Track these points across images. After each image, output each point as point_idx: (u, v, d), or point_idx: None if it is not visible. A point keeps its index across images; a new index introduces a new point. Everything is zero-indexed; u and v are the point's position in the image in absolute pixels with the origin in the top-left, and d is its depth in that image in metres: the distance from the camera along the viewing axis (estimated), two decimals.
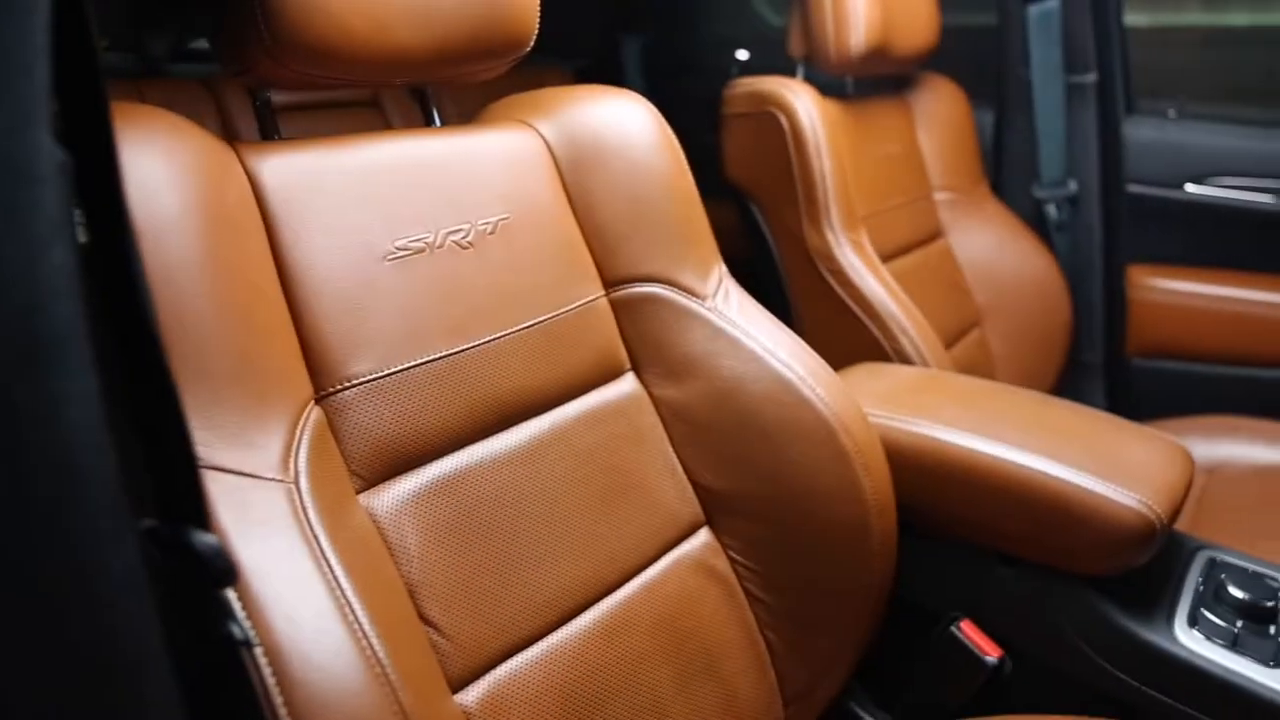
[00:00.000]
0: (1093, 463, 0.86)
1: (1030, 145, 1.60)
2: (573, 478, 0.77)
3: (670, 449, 0.86)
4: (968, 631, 0.93)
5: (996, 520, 0.91)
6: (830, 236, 1.20)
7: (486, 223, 0.75)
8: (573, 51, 2.06)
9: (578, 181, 0.83)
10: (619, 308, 0.84)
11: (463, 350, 0.70)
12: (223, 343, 0.55)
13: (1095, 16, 1.53)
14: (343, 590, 0.50)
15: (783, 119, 1.19)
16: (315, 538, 0.51)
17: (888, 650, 0.94)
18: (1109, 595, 0.88)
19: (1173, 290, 1.64)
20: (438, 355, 0.69)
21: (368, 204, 0.68)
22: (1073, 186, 1.61)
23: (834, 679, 0.90)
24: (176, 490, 0.35)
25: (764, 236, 1.31)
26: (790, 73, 1.29)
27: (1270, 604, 0.88)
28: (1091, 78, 1.56)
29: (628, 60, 2.09)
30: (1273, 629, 0.87)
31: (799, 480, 0.84)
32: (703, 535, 0.86)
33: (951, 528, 0.95)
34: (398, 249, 0.69)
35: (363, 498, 0.63)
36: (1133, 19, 1.62)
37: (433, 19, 0.68)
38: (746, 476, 0.85)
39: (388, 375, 0.65)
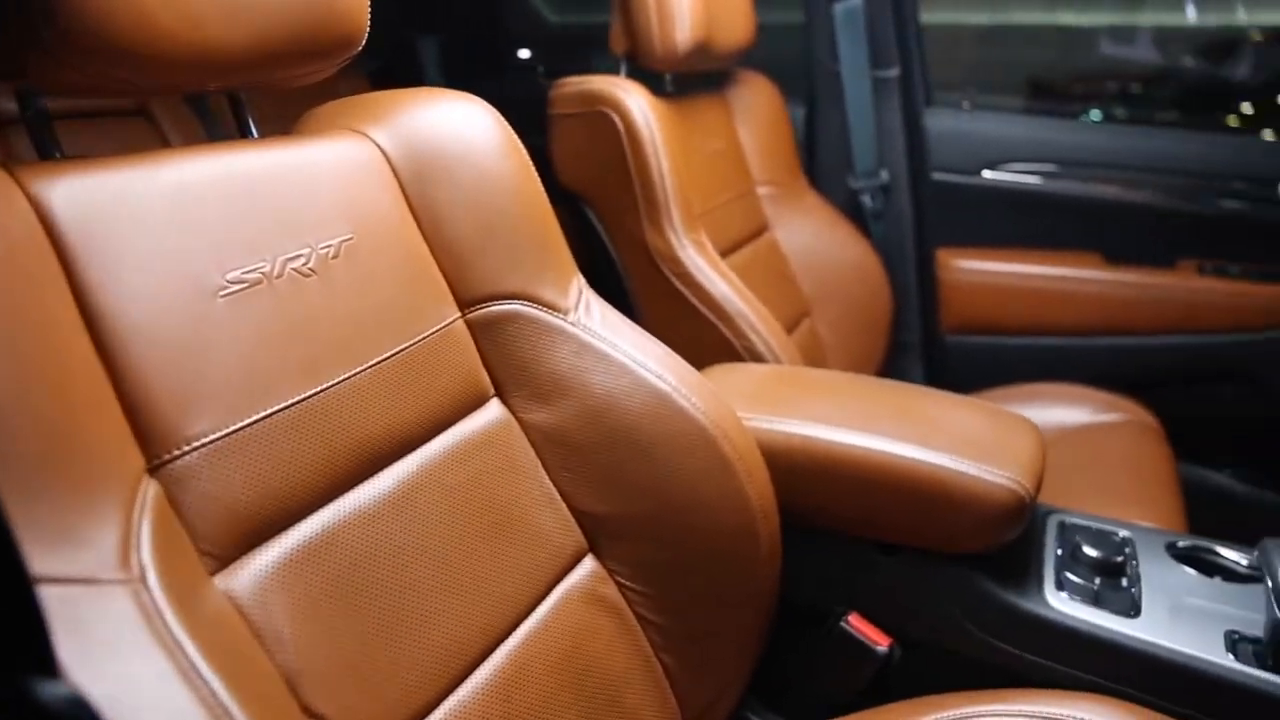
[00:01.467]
0: (960, 446, 0.90)
1: (843, 138, 1.68)
2: (450, 520, 0.71)
3: (545, 476, 0.82)
4: (856, 624, 0.95)
5: (875, 511, 0.93)
6: (673, 238, 1.20)
7: (328, 245, 0.68)
8: (364, 53, 1.96)
9: (422, 194, 0.77)
10: (477, 329, 0.79)
11: (317, 393, 0.63)
12: (24, 419, 0.45)
13: (896, 14, 1.63)
14: (222, 706, 0.42)
15: (616, 119, 1.18)
16: (178, 645, 0.43)
17: (778, 653, 0.95)
18: (985, 572, 0.93)
19: (977, 270, 1.78)
20: (289, 402, 0.61)
21: (189, 232, 0.59)
22: (884, 176, 1.71)
23: (732, 693, 0.89)
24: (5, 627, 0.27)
25: (601, 240, 1.29)
26: (579, 70, 1.27)
27: (1119, 559, 0.96)
28: (895, 72, 1.66)
29: (426, 61, 2.01)
30: (1124, 581, 0.95)
31: (682, 494, 0.82)
32: (588, 564, 0.83)
33: (830, 523, 0.97)
34: (230, 283, 0.60)
35: (219, 580, 0.55)
36: (926, 16, 1.74)
37: (253, 14, 0.60)
38: (628, 497, 0.82)
39: (232, 432, 0.57)
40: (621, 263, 1.28)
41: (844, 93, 1.65)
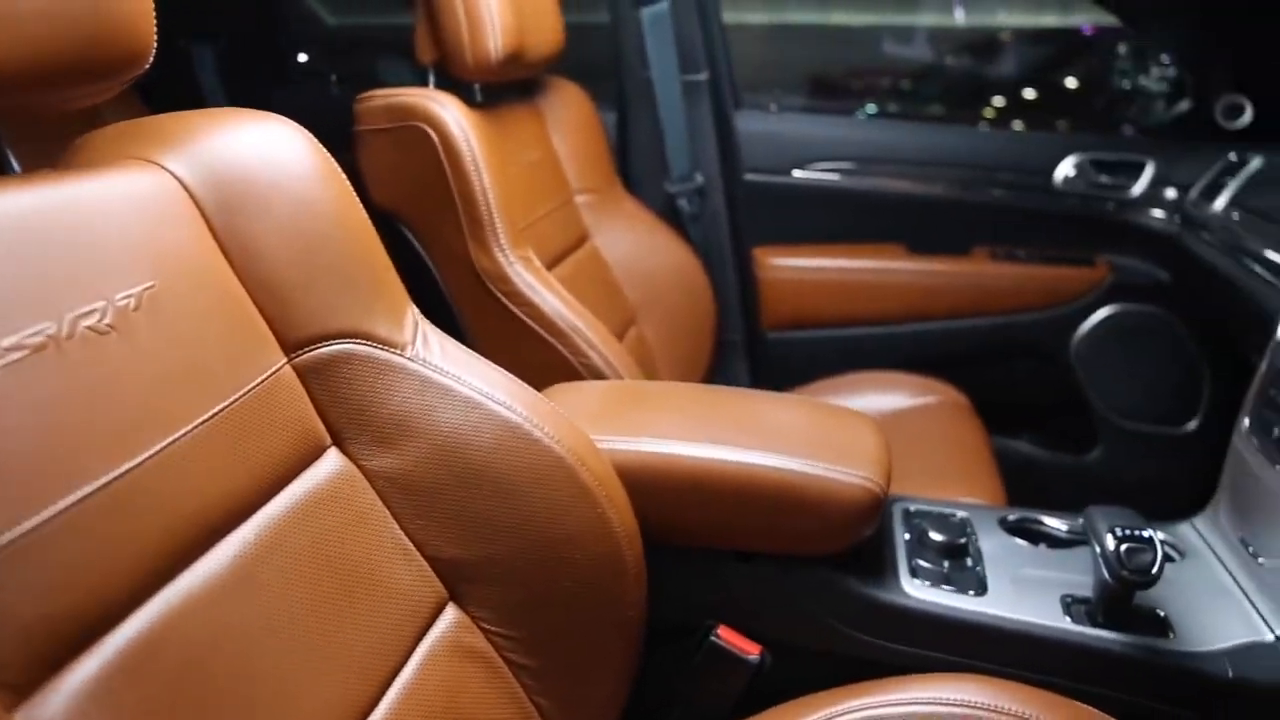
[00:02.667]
0: (811, 448, 0.93)
1: (656, 143, 1.70)
2: (298, 589, 0.65)
3: (396, 527, 0.77)
4: (725, 636, 0.96)
5: (734, 522, 0.94)
6: (500, 256, 1.16)
7: (127, 296, 0.59)
8: None
9: (232, 228, 0.69)
10: (307, 374, 0.72)
11: (130, 469, 0.55)
12: None
13: (701, 17, 1.66)
14: None
15: (431, 133, 1.12)
16: None
17: (651, 674, 0.94)
18: (843, 568, 0.96)
19: (792, 266, 1.85)
20: (97, 484, 0.53)
21: None
22: (699, 179, 1.74)
23: None
24: None
25: (422, 262, 1.23)
26: (365, 75, 1.22)
27: (962, 540, 1.02)
28: (704, 76, 1.69)
29: (203, 71, 1.85)
30: (969, 561, 1.01)
31: (544, 528, 0.80)
32: (450, 614, 0.79)
33: (690, 538, 0.97)
34: (8, 350, 0.51)
35: (20, 715, 0.46)
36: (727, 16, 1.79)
37: (18, 26, 0.51)
38: (486, 538, 0.78)
39: (26, 533, 0.49)
40: (446, 285, 1.23)
41: (655, 97, 1.66)
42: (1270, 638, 0.92)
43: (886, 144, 1.82)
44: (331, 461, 0.73)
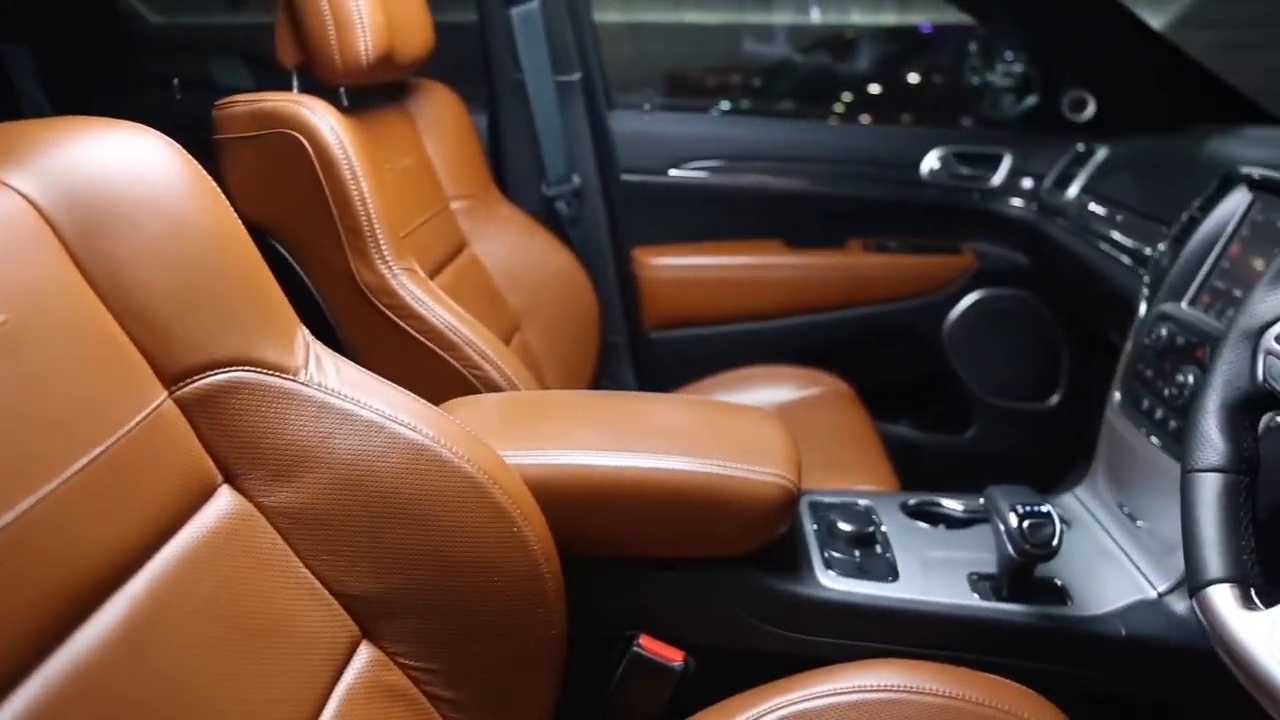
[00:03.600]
0: (722, 450, 0.92)
1: (532, 145, 1.67)
2: (199, 645, 0.60)
3: (300, 565, 0.71)
4: (647, 645, 0.94)
5: (651, 529, 0.93)
6: (383, 269, 1.11)
7: None
8: None
9: (95, 253, 0.63)
10: (191, 408, 0.66)
11: None
12: None
13: (572, 17, 1.64)
14: None
15: (303, 140, 1.06)
16: None
17: (575, 690, 0.92)
18: (760, 567, 0.96)
19: (673, 265, 1.86)
20: None
21: None
22: (576, 181, 1.72)
23: None
24: None
25: (297, 277, 1.16)
26: (198, 77, 1.14)
27: (870, 529, 1.04)
28: (577, 76, 1.67)
29: (19, 75, 1.68)
30: (879, 548, 1.03)
31: (460, 553, 0.76)
32: (365, 653, 0.74)
33: (606, 549, 0.95)
34: None
35: None
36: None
37: None
38: (400, 568, 0.74)
39: None
40: (325, 301, 1.16)
41: (528, 99, 1.63)
42: (1154, 594, 0.98)
43: (760, 141, 1.85)
44: (224, 501, 0.67)
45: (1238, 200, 1.06)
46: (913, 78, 2.54)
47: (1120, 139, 1.58)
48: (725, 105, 2.57)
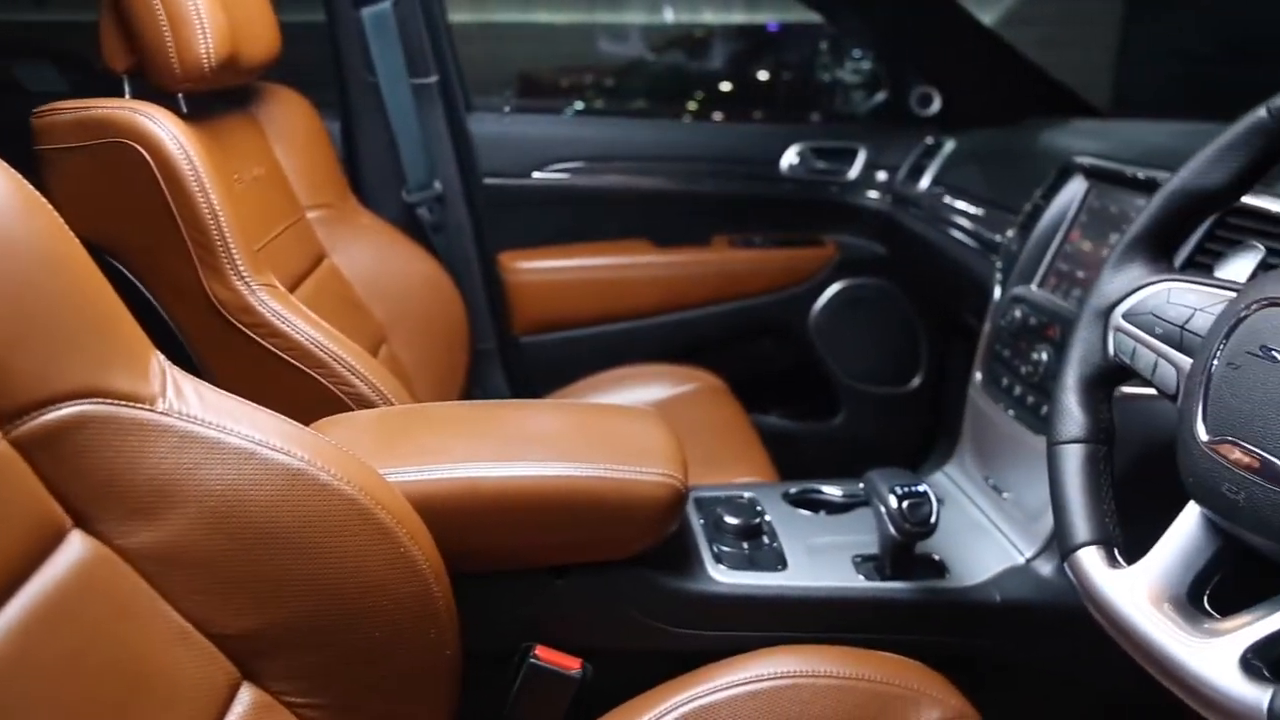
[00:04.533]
0: (607, 453, 0.92)
1: (390, 151, 1.62)
2: (61, 706, 0.55)
3: (170, 610, 0.67)
4: (543, 655, 0.93)
5: (541, 538, 0.91)
6: (240, 285, 1.04)
7: None
8: None
9: None
10: (31, 448, 0.61)
11: None
12: None
13: (426, 17, 1.59)
14: None
15: (142, 151, 0.98)
16: None
17: (472, 709, 0.89)
18: (651, 566, 0.96)
19: (540, 269, 1.84)
20: None
21: None
22: (438, 187, 1.68)
23: None
24: None
25: (142, 298, 1.08)
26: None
27: (756, 520, 1.06)
28: (434, 78, 1.63)
29: None
30: (766, 539, 1.05)
31: (345, 579, 0.73)
32: (246, 696, 0.70)
33: (498, 561, 0.93)
34: None
35: None
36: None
37: None
38: (281, 601, 0.70)
39: None
40: (175, 322, 1.08)
41: (384, 104, 1.58)
42: (1022, 560, 1.05)
43: (622, 141, 1.86)
44: (75, 548, 0.62)
45: (1076, 188, 1.14)
46: (764, 75, 2.61)
47: (965, 132, 1.67)
48: (579, 105, 2.57)
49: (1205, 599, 0.61)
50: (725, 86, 2.68)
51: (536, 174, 1.80)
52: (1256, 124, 0.63)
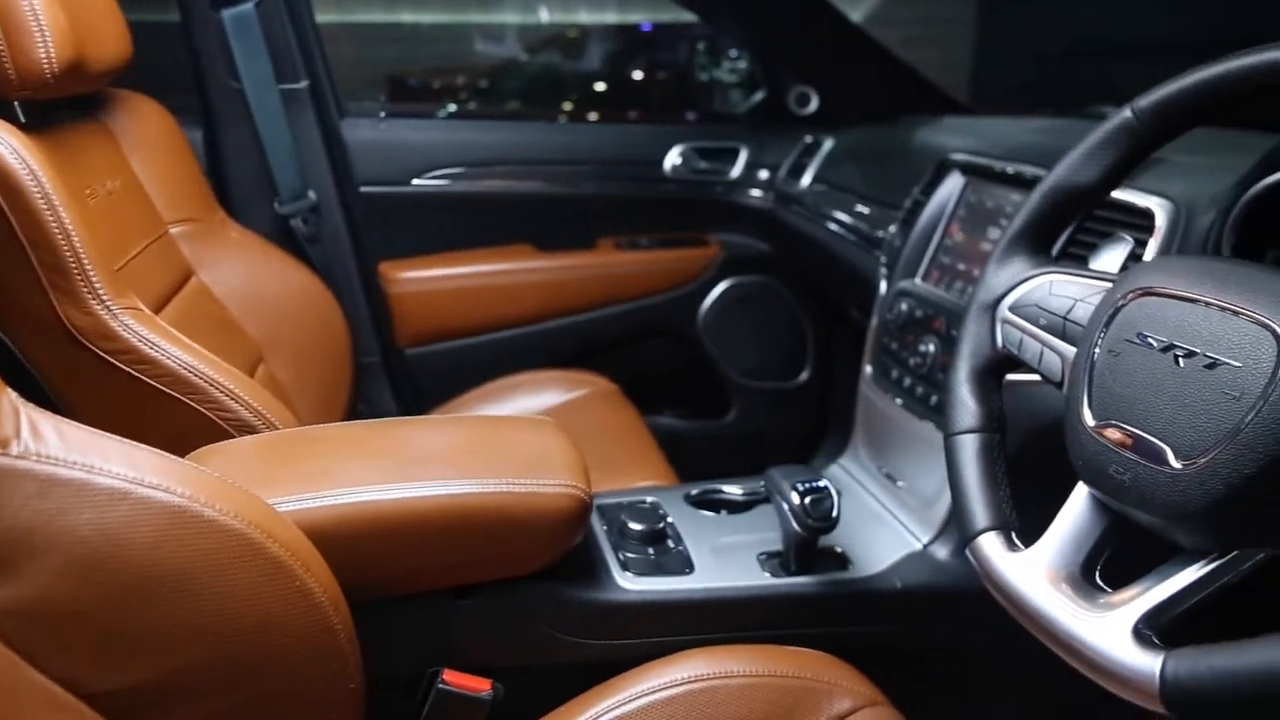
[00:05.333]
0: (509, 466, 0.90)
1: (259, 161, 1.54)
2: None
3: (33, 672, 0.61)
4: (452, 679, 0.90)
5: (444, 559, 0.89)
6: (100, 310, 0.97)
7: None
8: None
9: None
10: None
11: None
12: None
13: (293, 19, 1.52)
14: None
15: None
16: None
17: None
18: (561, 579, 0.95)
19: (423, 278, 1.80)
20: None
21: None
22: (312, 196, 1.62)
23: None
24: None
25: None
26: None
27: (660, 525, 1.06)
28: (304, 83, 1.56)
29: None
30: (671, 543, 1.05)
31: (238, 620, 0.69)
32: None
33: (401, 585, 0.90)
34: None
35: None
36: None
37: None
38: (169, 649, 0.66)
39: None
40: (27, 354, 1.00)
41: (250, 111, 1.50)
42: (919, 546, 1.08)
43: (503, 145, 1.83)
44: None
45: (953, 184, 1.19)
46: (641, 75, 2.62)
47: (843, 130, 1.72)
48: (453, 107, 2.52)
49: (1097, 575, 0.64)
50: (601, 87, 2.68)
51: (416, 181, 1.76)
52: (1122, 124, 0.66)
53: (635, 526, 1.05)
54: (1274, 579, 0.57)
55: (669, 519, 1.09)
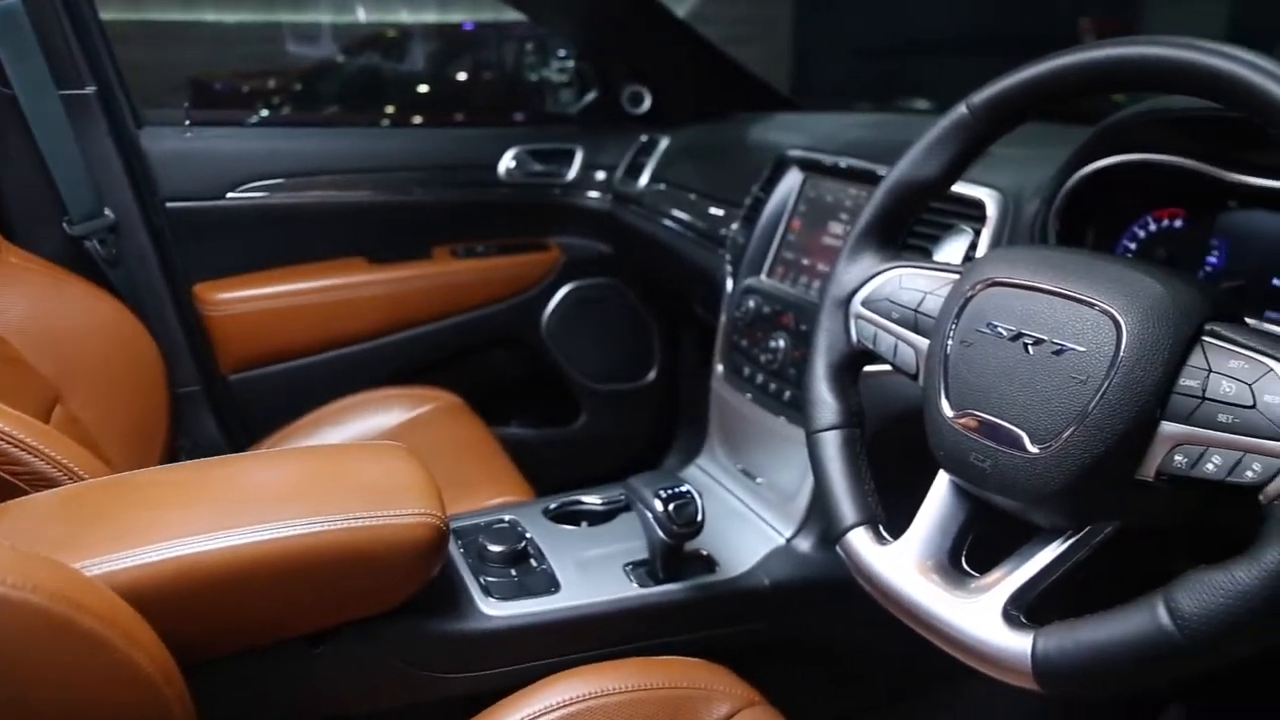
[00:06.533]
0: (356, 498, 0.84)
1: (42, 177, 1.39)
2: None
3: None
4: None
5: (290, 607, 0.82)
6: None
7: None
8: None
9: None
10: None
11: None
12: None
13: (71, 15, 1.37)
14: None
15: None
16: None
17: None
18: (421, 614, 0.90)
19: (245, 298, 1.67)
20: None
21: None
22: (110, 215, 1.47)
23: None
24: None
25: None
26: None
27: (521, 544, 1.02)
28: (91, 89, 1.41)
29: None
30: (534, 562, 1.02)
31: (51, 707, 0.61)
32: None
33: (243, 641, 0.82)
34: None
35: None
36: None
37: None
38: None
39: None
40: None
41: (26, 120, 1.35)
42: (783, 541, 1.09)
43: (327, 153, 1.73)
44: None
45: (792, 180, 1.21)
46: (467, 76, 2.55)
47: (678, 128, 1.73)
48: (265, 113, 2.37)
49: (964, 560, 0.66)
50: (425, 89, 2.59)
51: (231, 194, 1.63)
52: (960, 119, 0.68)
53: (495, 548, 1.01)
54: (1121, 548, 0.60)
55: (529, 536, 1.06)
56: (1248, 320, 0.59)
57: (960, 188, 0.89)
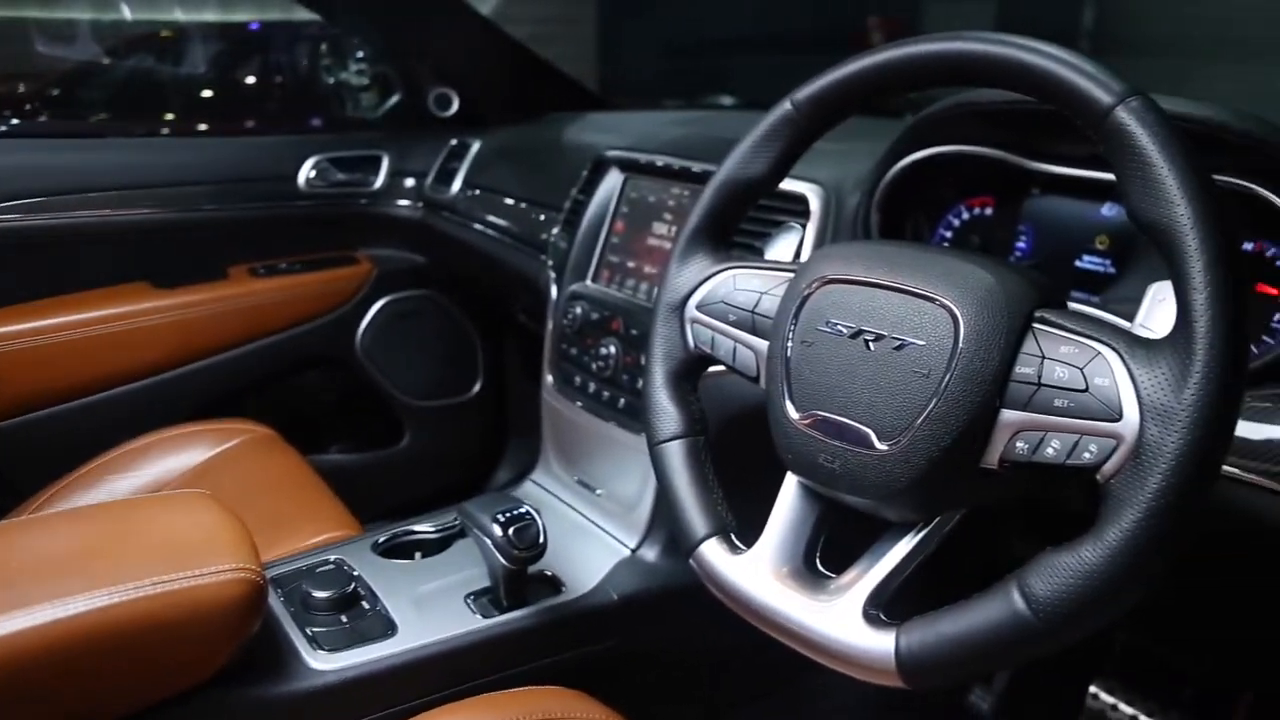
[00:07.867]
0: (153, 561, 0.74)
1: None
2: None
3: None
4: None
5: (83, 695, 0.71)
6: None
7: None
8: None
9: None
10: None
11: None
12: None
13: None
14: None
15: None
16: None
17: None
18: (240, 681, 0.81)
19: (7, 335, 1.48)
20: None
21: None
22: None
23: None
24: None
25: None
26: None
27: (350, 586, 0.94)
28: None
29: None
30: (366, 605, 0.94)
31: None
32: None
33: None
34: None
35: None
36: None
37: None
38: None
39: None
40: None
41: None
42: (628, 552, 1.07)
43: (96, 166, 1.55)
44: None
45: (612, 181, 1.18)
46: (256, 80, 2.37)
47: (489, 131, 1.67)
48: (14, 121, 2.11)
49: (818, 562, 0.65)
50: (209, 94, 2.39)
51: None
52: (785, 115, 0.67)
53: (320, 594, 0.92)
54: (967, 535, 0.61)
55: (359, 576, 0.98)
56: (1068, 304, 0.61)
57: (784, 184, 0.89)
